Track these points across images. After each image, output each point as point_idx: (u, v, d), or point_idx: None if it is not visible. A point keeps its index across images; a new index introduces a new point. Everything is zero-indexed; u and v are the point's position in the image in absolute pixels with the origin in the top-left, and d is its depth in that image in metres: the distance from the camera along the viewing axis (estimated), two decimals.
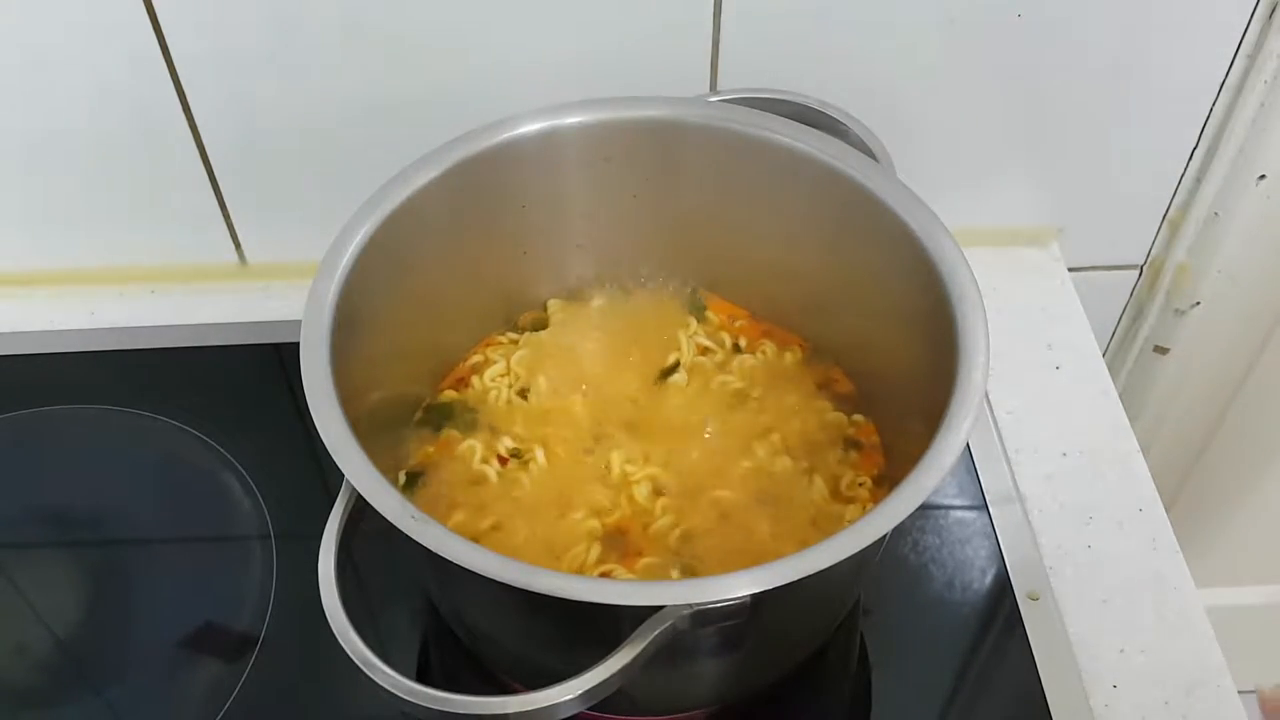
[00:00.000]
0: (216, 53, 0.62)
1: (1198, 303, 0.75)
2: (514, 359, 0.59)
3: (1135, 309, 0.79)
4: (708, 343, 0.60)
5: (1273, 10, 0.62)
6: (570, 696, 0.38)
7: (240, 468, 0.62)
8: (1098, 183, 0.71)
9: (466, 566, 0.39)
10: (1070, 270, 0.73)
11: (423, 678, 0.38)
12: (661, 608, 0.39)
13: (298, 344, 0.46)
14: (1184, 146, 0.69)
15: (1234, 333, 0.78)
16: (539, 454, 0.55)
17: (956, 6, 0.61)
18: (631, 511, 0.53)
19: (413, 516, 0.40)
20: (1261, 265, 0.73)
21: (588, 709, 0.39)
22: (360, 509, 0.43)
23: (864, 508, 0.53)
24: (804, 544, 0.40)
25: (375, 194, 0.51)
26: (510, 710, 0.38)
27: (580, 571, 0.51)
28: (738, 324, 0.61)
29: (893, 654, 0.56)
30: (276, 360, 0.68)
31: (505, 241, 0.58)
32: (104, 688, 0.55)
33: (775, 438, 0.56)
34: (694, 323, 0.61)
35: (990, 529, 0.60)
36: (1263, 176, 0.68)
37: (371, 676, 0.39)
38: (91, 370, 0.68)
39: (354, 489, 0.42)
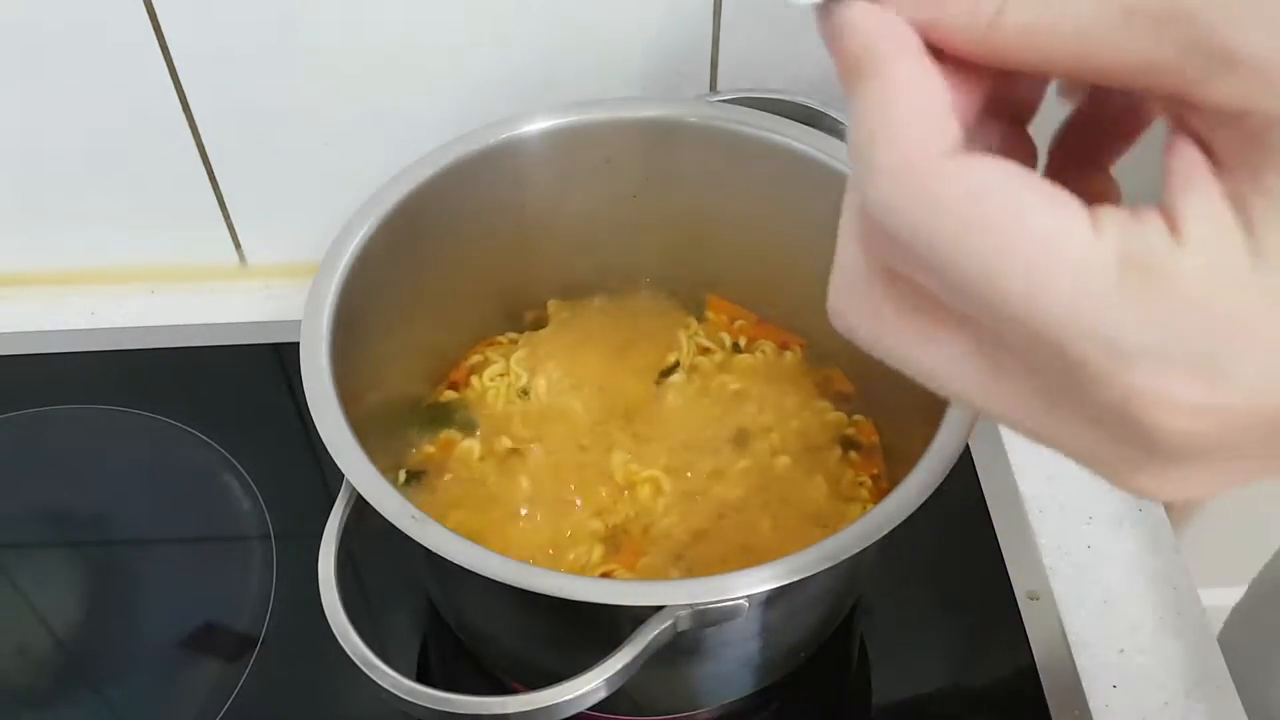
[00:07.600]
0: (216, 52, 0.62)
1: None
2: (514, 359, 0.59)
3: None
4: (707, 343, 0.60)
5: None
6: (570, 696, 0.38)
7: (240, 468, 0.62)
8: None
9: (466, 566, 0.39)
10: None
11: (423, 678, 0.38)
12: (661, 608, 0.39)
13: (298, 344, 0.46)
14: None
15: None
16: (539, 454, 0.55)
17: None
18: (634, 512, 0.53)
19: (413, 516, 0.40)
20: None
21: (588, 709, 0.39)
22: (360, 509, 0.43)
23: (864, 508, 0.53)
24: (804, 544, 0.40)
25: (375, 194, 0.51)
26: (510, 710, 0.38)
27: (583, 572, 0.51)
28: (737, 324, 0.61)
29: (893, 654, 0.56)
30: (276, 360, 0.68)
31: (505, 241, 0.58)
32: (104, 688, 0.55)
33: (775, 438, 0.56)
34: (694, 323, 0.61)
35: (990, 529, 0.60)
36: None
37: (371, 676, 0.39)
38: (91, 370, 0.68)
39: (354, 489, 0.42)
